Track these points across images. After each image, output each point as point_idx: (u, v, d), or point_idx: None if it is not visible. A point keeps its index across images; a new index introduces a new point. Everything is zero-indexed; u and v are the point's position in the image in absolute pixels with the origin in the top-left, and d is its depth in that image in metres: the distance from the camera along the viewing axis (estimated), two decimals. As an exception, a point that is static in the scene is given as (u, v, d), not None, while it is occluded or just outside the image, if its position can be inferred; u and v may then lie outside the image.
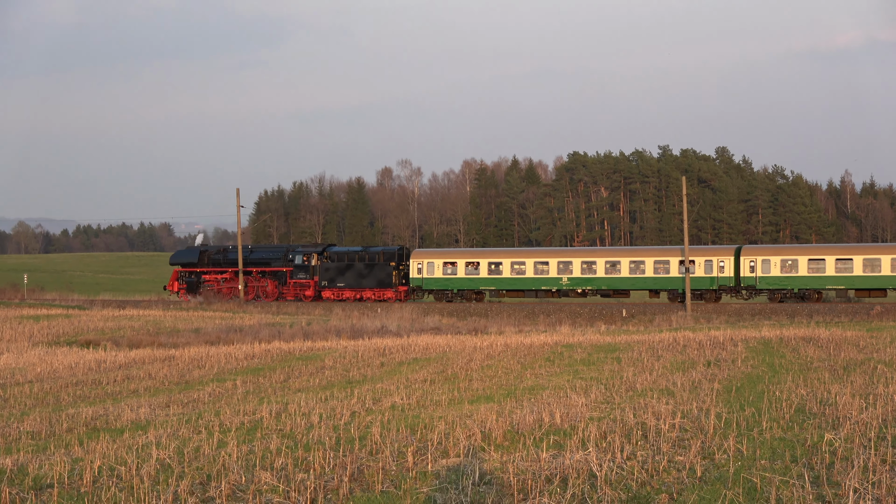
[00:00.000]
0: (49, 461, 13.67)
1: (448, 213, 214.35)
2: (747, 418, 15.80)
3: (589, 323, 59.39)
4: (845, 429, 14.29)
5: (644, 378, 23.53)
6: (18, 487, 11.80)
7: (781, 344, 34.40)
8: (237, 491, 11.20)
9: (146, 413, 20.39)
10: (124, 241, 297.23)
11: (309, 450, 13.70)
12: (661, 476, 11.48)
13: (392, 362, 31.84)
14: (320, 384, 26.01)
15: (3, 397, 26.02)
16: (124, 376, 30.41)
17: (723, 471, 11.68)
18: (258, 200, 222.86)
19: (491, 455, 12.97)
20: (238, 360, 33.97)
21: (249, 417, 18.36)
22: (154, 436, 16.25)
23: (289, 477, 11.83)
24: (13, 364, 37.08)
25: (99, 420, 19.60)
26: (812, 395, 18.76)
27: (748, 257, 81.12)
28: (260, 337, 50.74)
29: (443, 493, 10.71)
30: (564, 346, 35.51)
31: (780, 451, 12.86)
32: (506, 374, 26.32)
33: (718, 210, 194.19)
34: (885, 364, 25.94)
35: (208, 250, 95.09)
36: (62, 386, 28.36)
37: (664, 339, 37.86)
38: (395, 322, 59.59)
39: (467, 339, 41.44)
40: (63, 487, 11.74)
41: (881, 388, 19.74)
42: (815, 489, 10.59)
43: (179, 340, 50.64)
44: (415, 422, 16.44)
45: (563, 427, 15.20)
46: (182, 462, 13.11)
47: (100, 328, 59.63)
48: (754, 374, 24.32)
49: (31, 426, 18.99)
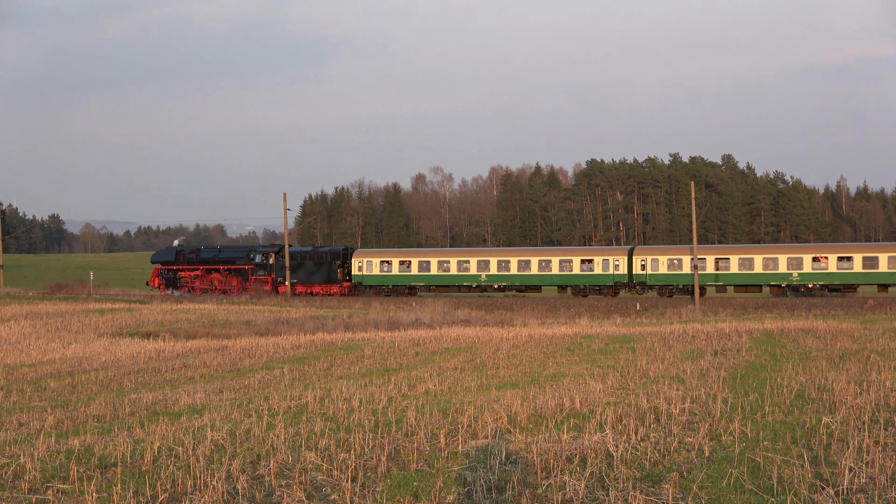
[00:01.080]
0: (113, 442, 13.73)
1: (476, 215, 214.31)
2: (751, 403, 15.75)
3: (606, 316, 59.25)
4: (841, 413, 14.24)
5: (656, 366, 23.48)
6: (86, 466, 11.86)
7: (782, 335, 34.28)
8: (284, 469, 11.23)
9: (201, 398, 20.45)
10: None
11: (350, 432, 13.71)
12: (672, 456, 11.46)
13: (426, 352, 31.84)
14: (360, 372, 26.04)
15: (71, 384, 26.14)
16: (181, 364, 30.50)
17: (729, 451, 11.65)
18: (303, 204, 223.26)
19: (516, 437, 12.97)
20: (285, 350, 34.03)
21: (296, 402, 18.38)
22: (209, 419, 16.29)
23: (332, 456, 11.85)
24: (81, 353, 37.25)
25: (158, 405, 19.66)
26: (811, 382, 18.68)
27: (640, 257, 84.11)
28: (305, 329, 50.81)
29: (472, 472, 10.71)
30: (583, 337, 35.45)
31: (782, 433, 12.82)
32: (530, 363, 26.29)
33: (724, 212, 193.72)
34: (877, 353, 25.82)
35: (183, 251, 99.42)
36: (125, 373, 28.47)
37: (675, 330, 37.76)
38: (429, 315, 59.58)
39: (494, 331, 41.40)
40: (126, 466, 11.78)
41: (874, 376, 19.65)
42: (813, 468, 10.55)
43: (231, 332, 50.78)
44: (446, 406, 16.44)
45: (583, 411, 15.18)
46: (234, 443, 13.15)
47: (159, 320, 59.86)
48: (757, 362, 24.24)
49: (96, 410, 19.06)
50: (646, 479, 10.30)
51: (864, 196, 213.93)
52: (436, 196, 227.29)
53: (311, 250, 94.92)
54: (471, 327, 47.12)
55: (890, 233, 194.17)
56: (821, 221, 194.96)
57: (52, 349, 40.54)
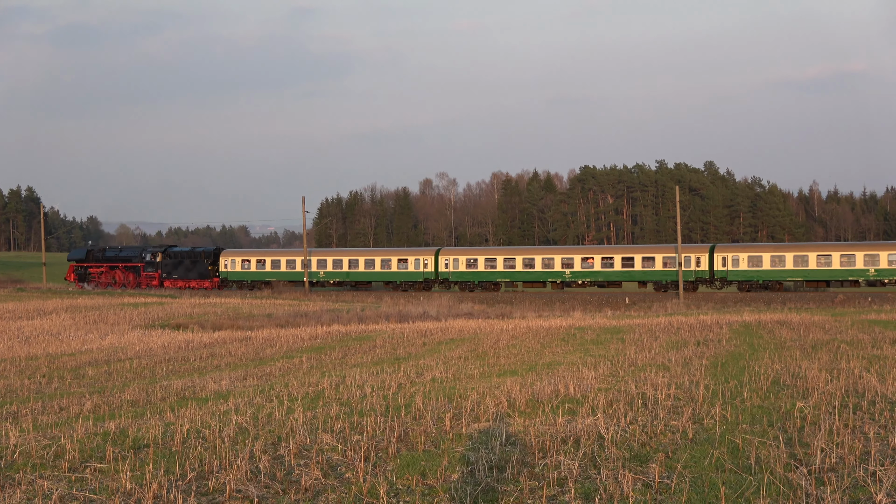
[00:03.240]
0: (145, 425, 13.74)
1: (479, 217, 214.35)
2: (731, 389, 15.74)
3: (597, 309, 59.27)
4: (813, 398, 14.22)
5: (644, 355, 23.47)
6: (120, 447, 11.87)
7: (759, 327, 34.26)
8: (303, 450, 11.23)
9: (227, 384, 20.46)
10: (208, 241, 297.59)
11: (363, 415, 13.72)
12: (659, 438, 11.45)
13: (432, 342, 31.84)
14: (372, 360, 26.04)
15: (107, 371, 26.17)
16: (208, 354, 30.52)
17: (710, 433, 11.63)
18: (320, 206, 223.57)
19: (515, 420, 12.96)
20: (303, 341, 34.05)
21: (313, 388, 18.39)
22: (233, 404, 16.30)
23: (346, 438, 11.85)
24: (116, 343, 37.30)
25: (187, 390, 19.67)
26: (785, 370, 18.67)
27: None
28: (322, 321, 50.81)
29: (475, 452, 10.70)
30: (577, 329, 35.45)
31: (759, 416, 12.81)
32: (528, 352, 26.29)
33: (706, 214, 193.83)
34: (846, 343, 25.81)
35: (92, 250, 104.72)
36: (156, 362, 28.49)
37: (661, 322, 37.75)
38: (435, 308, 59.57)
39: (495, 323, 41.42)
40: (157, 447, 11.79)
41: (843, 364, 19.64)
42: (788, 449, 10.54)
43: (254, 324, 50.81)
44: (451, 392, 16.44)
45: (576, 396, 15.17)
46: (257, 425, 13.15)
47: (188, 313, 59.91)
48: (737, 352, 24.23)
49: (130, 396, 19.08)
50: (634, 459, 10.29)
51: (834, 199, 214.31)
52: (442, 199, 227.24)
53: (189, 250, 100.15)
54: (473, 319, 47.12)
55: (858, 233, 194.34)
56: (795, 222, 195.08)
57: (90, 340, 40.58)
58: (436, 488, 9.29)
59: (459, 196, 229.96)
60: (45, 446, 12.02)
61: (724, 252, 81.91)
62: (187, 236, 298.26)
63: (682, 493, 8.85)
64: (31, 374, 25.83)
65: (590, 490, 9.06)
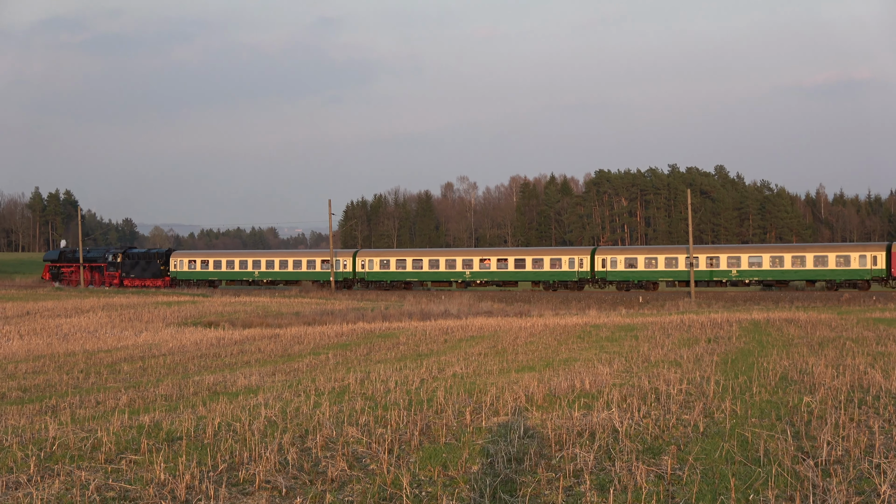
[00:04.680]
0: (179, 418, 13.78)
1: (498, 219, 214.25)
2: (740, 384, 15.70)
3: (612, 308, 59.13)
4: (820, 393, 14.18)
5: (657, 352, 23.43)
6: (155, 439, 11.91)
7: (768, 324, 34.17)
8: (329, 443, 11.25)
9: (256, 380, 20.51)
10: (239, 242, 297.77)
11: (387, 409, 13.73)
12: (671, 431, 11.43)
13: (453, 339, 31.85)
14: (396, 357, 26.06)
15: (142, 367, 26.25)
16: (239, 350, 30.59)
17: (721, 427, 11.61)
18: (346, 209, 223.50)
19: (533, 414, 12.96)
20: (330, 338, 34.09)
21: (339, 383, 18.41)
22: (263, 398, 16.34)
23: (370, 431, 11.86)
24: (150, 340, 37.42)
25: (218, 385, 19.73)
26: (793, 366, 18.62)
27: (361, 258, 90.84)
28: (347, 319, 50.84)
29: (494, 445, 10.71)
30: (592, 327, 35.42)
31: (767, 411, 12.77)
32: (545, 349, 26.28)
33: (717, 216, 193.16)
34: (852, 341, 25.72)
35: (65, 251, 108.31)
36: (189, 358, 28.57)
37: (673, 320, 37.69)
38: (456, 307, 59.52)
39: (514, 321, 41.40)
40: (190, 439, 11.83)
41: (849, 360, 19.57)
42: (795, 442, 10.51)
43: (283, 322, 50.86)
44: (471, 387, 16.44)
45: (592, 391, 15.16)
46: (285, 419, 13.18)
47: (219, 311, 60.05)
48: (746, 348, 24.17)
49: (164, 390, 19.15)
50: (647, 452, 10.28)
51: (840, 202, 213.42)
52: (462, 202, 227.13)
53: (144, 252, 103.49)
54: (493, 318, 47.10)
55: (863, 234, 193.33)
56: (802, 224, 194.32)
57: (126, 337, 40.73)
58: (457, 479, 9.30)
59: (479, 199, 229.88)
60: (82, 438, 12.07)
61: (603, 254, 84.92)
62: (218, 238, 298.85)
63: (694, 484, 8.84)
64: (70, 370, 25.95)
65: (604, 481, 9.05)
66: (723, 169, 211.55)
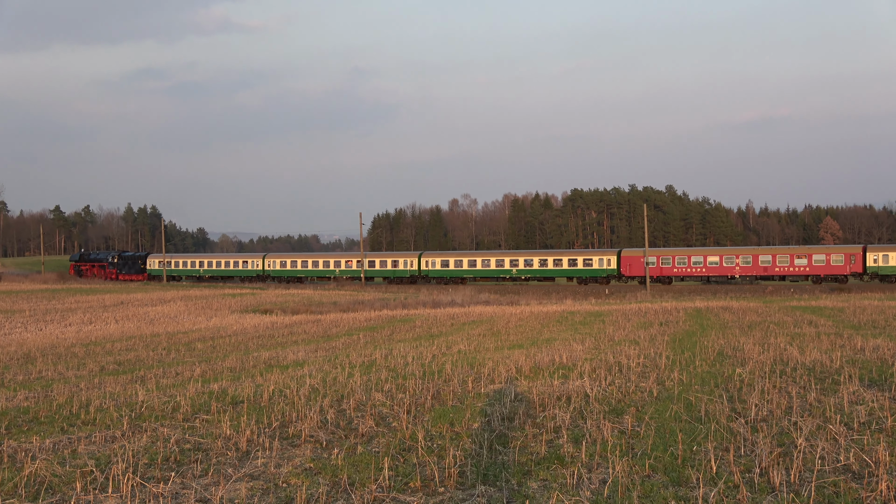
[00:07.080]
0: (241, 386, 13.80)
1: (494, 227, 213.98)
2: (686, 359, 15.67)
3: (584, 298, 59.10)
4: (749, 366, 14.15)
5: (619, 333, 23.41)
6: (222, 402, 11.94)
7: (708, 311, 34.13)
8: (360, 405, 11.25)
9: (302, 355, 20.53)
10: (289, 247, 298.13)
11: (406, 379, 13.74)
12: (631, 396, 11.41)
13: (458, 323, 31.86)
14: (412, 337, 26.07)
15: (212, 345, 26.31)
16: (288, 332, 30.63)
17: (670, 392, 11.59)
18: (374, 220, 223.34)
19: (521, 382, 12.95)
20: (360, 322, 34.13)
21: (368, 358, 18.43)
22: (307, 370, 16.36)
23: (392, 396, 11.87)
24: (219, 324, 37.49)
25: (272, 360, 19.76)
26: (728, 344, 18.59)
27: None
28: (374, 307, 50.88)
29: (490, 407, 10.70)
30: (569, 313, 35.40)
31: (707, 380, 12.75)
32: (531, 331, 26.27)
33: (667, 226, 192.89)
34: (775, 324, 25.69)
35: (84, 254, 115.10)
36: (249, 338, 28.61)
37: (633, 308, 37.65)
38: (461, 297, 59.52)
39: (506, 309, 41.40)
40: (250, 403, 11.85)
41: (772, 340, 19.54)
42: (730, 404, 10.49)
43: (323, 309, 50.93)
44: (473, 361, 16.44)
45: (568, 364, 15.14)
46: (325, 386, 13.19)
47: (273, 301, 60.12)
48: (690, 330, 24.14)
49: (229, 364, 19.18)
50: (612, 412, 10.26)
51: (765, 214, 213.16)
52: (465, 215, 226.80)
53: (131, 255, 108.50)
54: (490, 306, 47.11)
55: (783, 240, 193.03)
56: (735, 231, 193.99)
57: (199, 321, 40.80)
58: (461, 434, 9.29)
59: (479, 212, 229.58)
60: (164, 402, 12.09)
61: (427, 257, 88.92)
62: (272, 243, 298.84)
63: (649, 437, 8.82)
64: (155, 348, 26.00)
65: (578, 435, 9.04)
66: (672, 187, 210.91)
